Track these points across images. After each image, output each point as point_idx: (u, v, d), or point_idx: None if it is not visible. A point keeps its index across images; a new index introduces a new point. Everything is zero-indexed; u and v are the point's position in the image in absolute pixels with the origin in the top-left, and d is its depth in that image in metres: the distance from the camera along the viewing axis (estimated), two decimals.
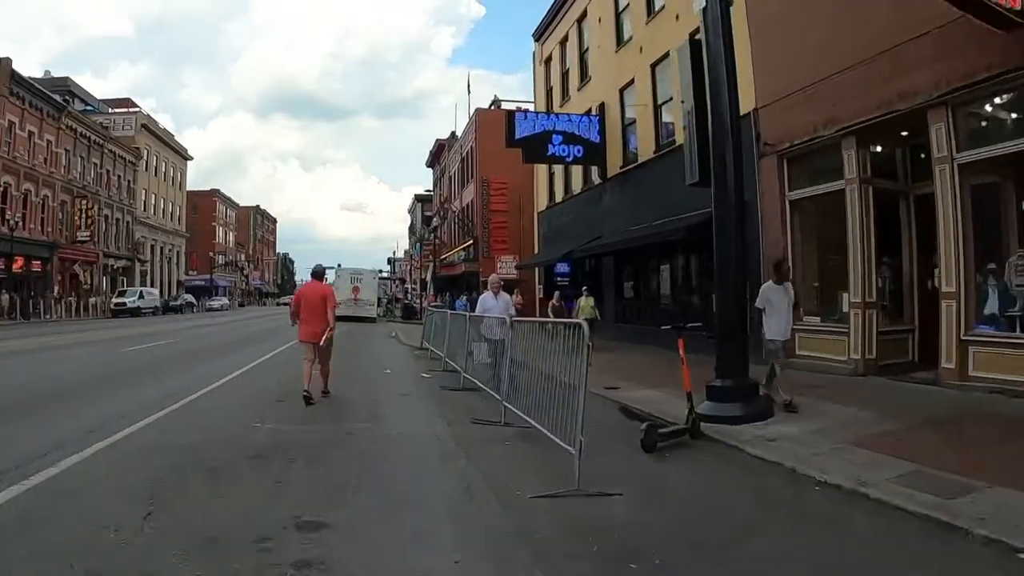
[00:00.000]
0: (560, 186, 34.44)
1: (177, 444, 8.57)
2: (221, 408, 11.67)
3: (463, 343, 15.47)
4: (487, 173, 54.20)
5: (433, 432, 9.95)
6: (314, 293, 13.08)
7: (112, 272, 69.43)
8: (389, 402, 12.90)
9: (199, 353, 22.36)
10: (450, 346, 17.88)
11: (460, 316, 18.06)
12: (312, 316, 12.66)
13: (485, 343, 13.55)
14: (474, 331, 14.54)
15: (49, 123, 57.51)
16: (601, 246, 26.17)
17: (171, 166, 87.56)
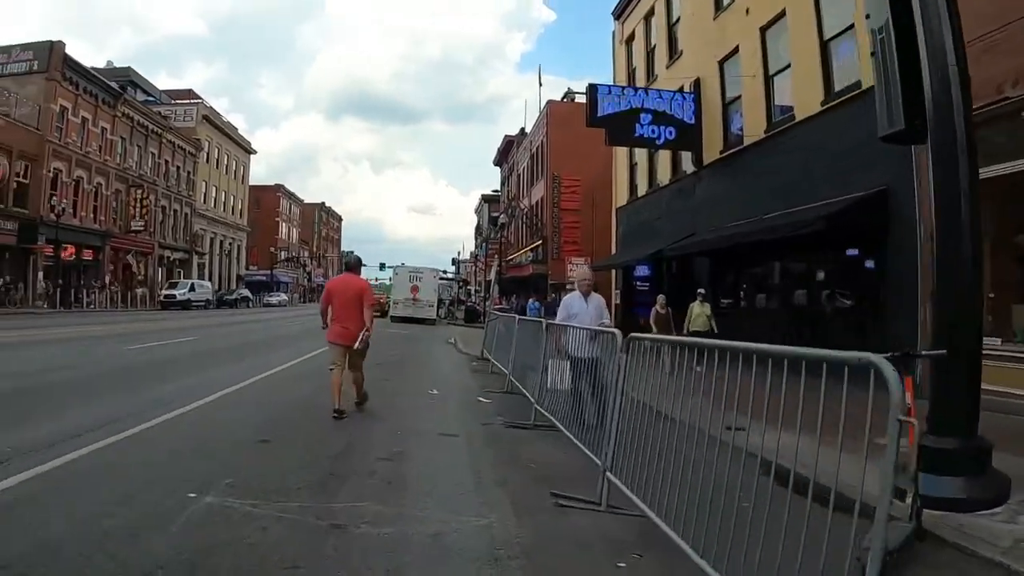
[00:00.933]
0: (643, 178, 30.16)
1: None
2: (159, 453, 7.47)
3: (537, 359, 11.47)
4: (558, 169, 50.38)
5: (489, 530, 5.62)
6: (347, 287, 10.78)
7: (168, 264, 67.19)
8: (424, 451, 8.54)
9: (209, 356, 18.70)
10: (518, 361, 13.90)
11: (531, 323, 14.24)
12: (345, 314, 10.56)
13: (566, 362, 9.59)
14: (550, 343, 10.70)
15: (104, 110, 55.37)
16: (699, 243, 21.78)
17: (233, 159, 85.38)
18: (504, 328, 17.63)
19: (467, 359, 21.52)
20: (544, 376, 10.50)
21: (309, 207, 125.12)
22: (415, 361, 20.29)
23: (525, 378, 12.58)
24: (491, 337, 20.39)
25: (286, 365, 16.57)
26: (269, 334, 28.83)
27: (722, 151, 22.36)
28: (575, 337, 9.37)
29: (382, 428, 9.63)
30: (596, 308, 10.43)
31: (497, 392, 13.81)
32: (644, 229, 28.58)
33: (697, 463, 4.82)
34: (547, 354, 10.62)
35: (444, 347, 26.61)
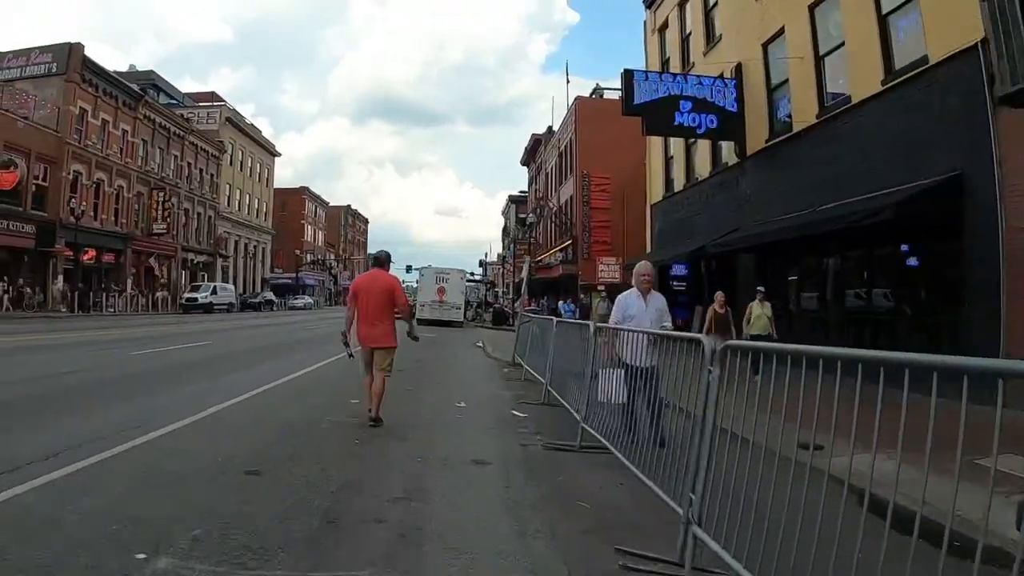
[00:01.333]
0: (680, 172, 28.47)
1: None
2: (114, 492, 5.90)
3: (580, 367, 9.95)
4: (587, 167, 48.87)
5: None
6: (374, 284, 9.95)
7: (192, 267, 66.28)
8: (450, 485, 6.88)
9: (218, 363, 17.14)
10: (556, 368, 12.33)
11: (574, 327, 12.70)
12: (372, 314, 9.71)
13: (619, 372, 8.11)
14: (600, 350, 9.17)
15: (125, 112, 54.55)
16: (745, 239, 20.11)
17: (257, 162, 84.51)
18: (539, 331, 16.06)
19: (497, 365, 20.03)
20: (592, 387, 8.96)
21: (334, 210, 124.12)
22: (441, 367, 18.74)
23: (565, 388, 11.08)
24: (523, 341, 18.76)
25: (299, 373, 15.18)
26: (288, 338, 27.45)
27: (768, 140, 20.75)
28: (631, 343, 7.89)
29: (400, 452, 8.08)
30: (657, 310, 9.02)
31: (533, 404, 12.27)
32: (682, 225, 27.03)
33: (812, 508, 3.48)
34: (596, 361, 9.07)
35: (472, 351, 25.17)
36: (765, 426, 4.28)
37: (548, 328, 14.08)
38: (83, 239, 47.01)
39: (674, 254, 25.66)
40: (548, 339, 13.56)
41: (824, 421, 3.61)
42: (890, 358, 3.22)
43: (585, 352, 9.74)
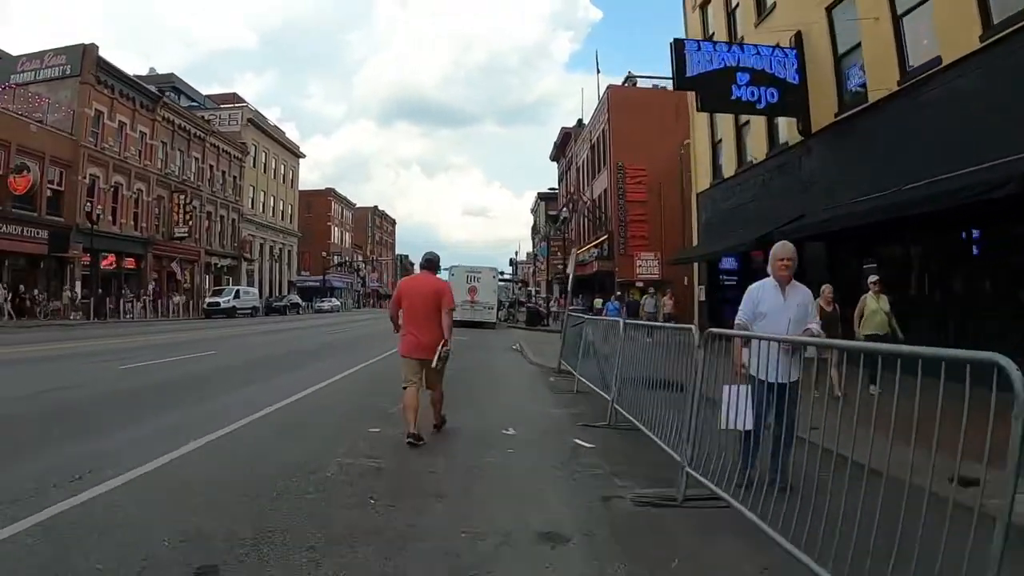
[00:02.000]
0: (730, 157, 25.86)
1: None
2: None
3: (672, 383, 7.67)
4: (622, 158, 46.38)
5: None
6: (423, 290, 8.89)
7: (216, 271, 64.71)
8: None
9: (217, 378, 14.58)
10: (626, 381, 9.85)
11: (663, 333, 9.24)
12: (417, 321, 8.69)
13: (745, 389, 5.85)
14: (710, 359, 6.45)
15: (143, 114, 53.03)
16: (820, 225, 17.21)
17: (281, 163, 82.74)
18: (597, 335, 13.51)
19: (540, 372, 17.66)
20: (699, 415, 6.28)
21: (361, 211, 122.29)
22: (478, 377, 15.97)
23: (640, 408, 8.68)
24: (572, 345, 16.20)
25: (311, 390, 12.71)
26: (307, 345, 25.21)
27: (837, 114, 18.23)
28: (763, 350, 5.61)
29: (434, 521, 5.60)
30: (799, 305, 6.70)
31: (597, 427, 9.76)
32: (733, 215, 24.55)
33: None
34: (703, 381, 6.38)
35: (510, 356, 22.69)
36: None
37: (611, 332, 11.66)
38: (101, 244, 45.75)
39: (728, 244, 23.09)
40: (612, 345, 11.10)
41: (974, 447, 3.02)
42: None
43: (687, 366, 7.06)
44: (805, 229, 17.73)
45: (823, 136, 18.97)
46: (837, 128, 18.31)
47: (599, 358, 12.41)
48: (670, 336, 8.39)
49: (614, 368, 10.46)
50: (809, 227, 17.49)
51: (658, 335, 9.43)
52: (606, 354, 11.83)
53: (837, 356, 5.86)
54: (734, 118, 24.57)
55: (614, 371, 10.41)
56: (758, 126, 22.90)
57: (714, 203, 26.86)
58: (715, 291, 27.33)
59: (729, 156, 25.64)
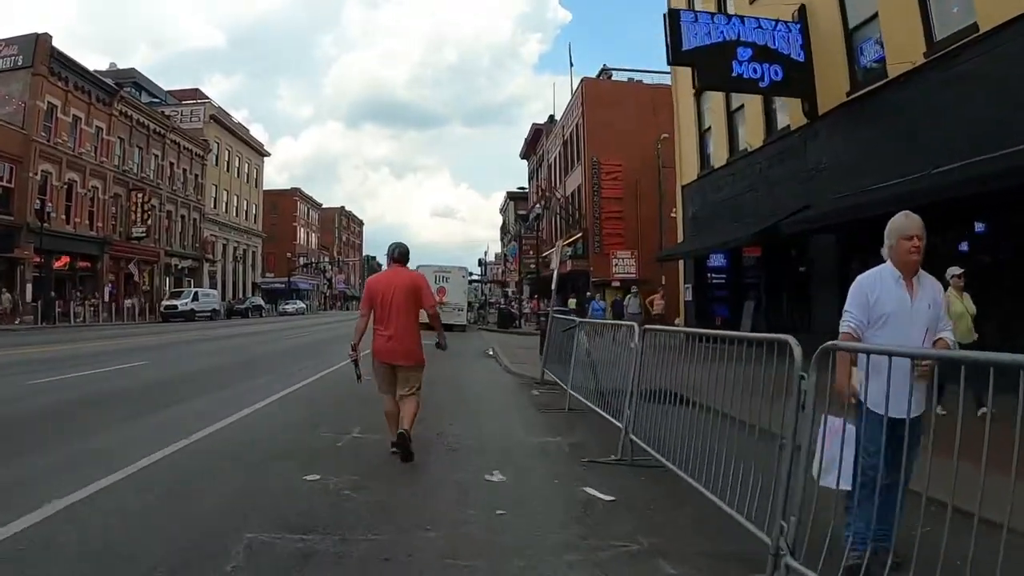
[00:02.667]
0: (720, 145, 23.87)
1: None
2: None
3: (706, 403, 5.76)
4: (596, 154, 44.38)
5: None
6: (394, 284, 7.64)
7: (176, 272, 61.82)
8: None
9: (130, 399, 11.56)
10: (642, 397, 7.61)
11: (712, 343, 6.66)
12: (391, 320, 7.44)
13: (851, 427, 3.96)
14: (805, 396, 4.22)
15: (99, 108, 50.24)
16: (833, 214, 15.21)
17: (245, 161, 79.92)
18: (596, 342, 11.37)
19: (521, 385, 15.06)
20: (796, 472, 4.10)
21: (328, 211, 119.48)
22: (450, 393, 12.96)
23: (666, 440, 6.55)
24: (559, 352, 13.85)
25: (242, 414, 10.16)
26: (257, 351, 22.89)
27: (850, 92, 16.28)
28: (887, 371, 3.74)
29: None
30: (934, 304, 4.52)
31: (609, 463, 7.47)
32: (724, 208, 22.57)
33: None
34: (809, 414, 4.16)
35: (484, 364, 20.14)
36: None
37: (623, 337, 9.29)
38: (54, 244, 43.13)
39: (721, 240, 21.06)
40: (627, 357, 8.55)
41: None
42: None
43: (762, 395, 4.96)
44: (815, 220, 15.74)
45: (832, 118, 17.01)
46: (849, 108, 16.35)
47: (597, 370, 10.24)
48: (747, 350, 5.37)
49: (627, 387, 8.04)
50: (825, 216, 15.43)
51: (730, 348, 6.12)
52: (608, 364, 9.72)
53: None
54: (725, 103, 22.64)
55: (627, 391, 7.98)
56: (753, 110, 20.92)
57: (702, 196, 24.85)
58: (703, 291, 25.34)
59: (719, 144, 23.61)
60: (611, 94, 45.37)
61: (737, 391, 5.35)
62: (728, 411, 5.39)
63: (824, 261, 17.10)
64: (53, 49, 44.73)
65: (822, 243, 17.14)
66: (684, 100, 26.01)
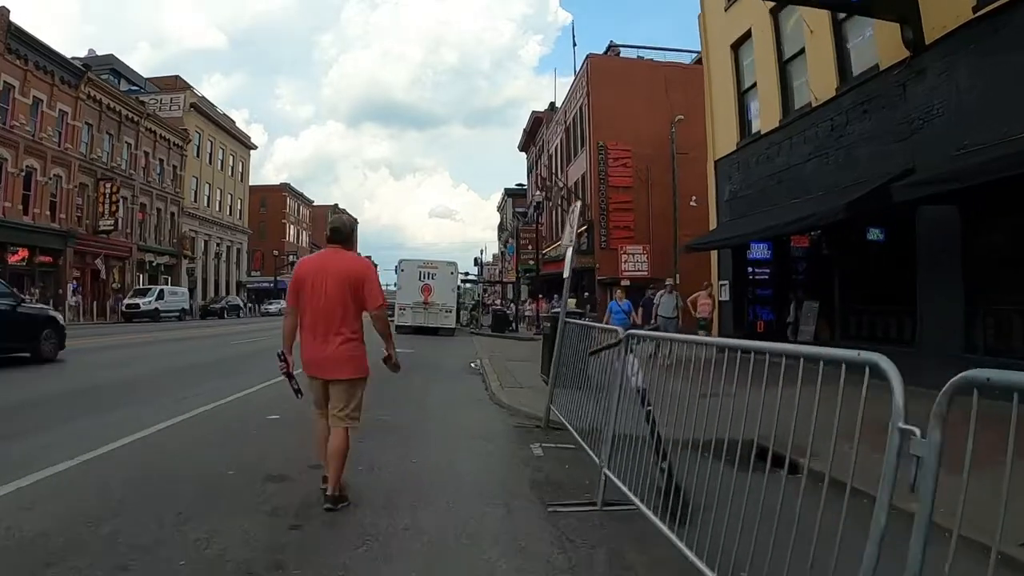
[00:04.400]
0: (769, 104, 18.68)
1: None
2: None
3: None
4: (603, 138, 39.55)
5: None
6: (329, 271, 5.65)
7: (151, 269, 56.96)
8: None
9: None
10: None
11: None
12: (323, 319, 5.62)
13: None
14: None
15: (64, 91, 45.30)
16: (978, 171, 9.87)
17: (230, 154, 74.87)
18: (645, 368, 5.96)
19: (514, 431, 9.49)
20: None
21: (320, 208, 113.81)
22: (396, 449, 7.86)
23: None
24: (577, 380, 8.54)
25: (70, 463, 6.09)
26: (201, 357, 18.48)
27: (977, 7, 11.46)
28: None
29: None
30: None
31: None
32: (777, 182, 17.63)
33: None
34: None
35: (466, 386, 14.42)
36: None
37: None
38: (9, 236, 39.11)
39: (781, 222, 15.95)
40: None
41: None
42: None
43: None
44: (942, 180, 10.79)
45: (947, 46, 12.08)
46: (976, 30, 11.45)
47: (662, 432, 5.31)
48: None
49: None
50: (955, 176, 10.46)
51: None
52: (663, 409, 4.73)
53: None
54: (776, 50, 17.78)
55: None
56: (821, 52, 15.89)
57: (744, 171, 19.81)
58: (743, 286, 20.24)
59: (768, 104, 18.56)
60: (619, 72, 40.46)
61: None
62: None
63: (936, 243, 12.23)
64: (11, 24, 39.73)
65: (934, 218, 12.27)
66: (717, 56, 21.18)
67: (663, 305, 19.76)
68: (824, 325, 16.33)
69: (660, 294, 20.50)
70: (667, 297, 19.98)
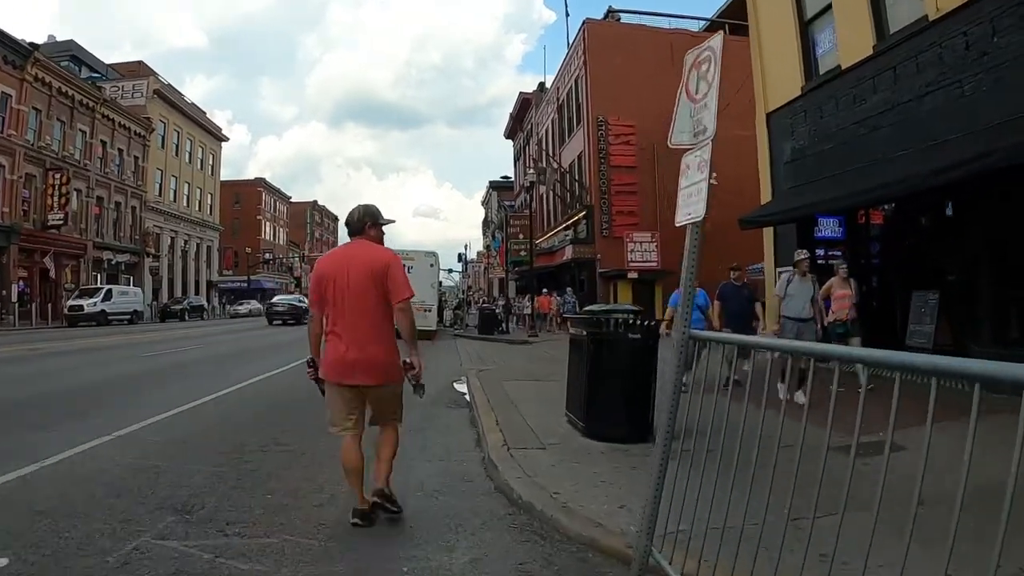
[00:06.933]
0: (856, 28, 13.61)
1: None
2: None
3: None
4: (603, 112, 34.65)
5: None
6: (353, 266, 5.01)
7: (110, 268, 51.85)
8: None
9: None
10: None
11: None
12: (351, 320, 4.95)
13: None
14: None
15: (7, 72, 40.59)
16: None
17: (199, 146, 69.24)
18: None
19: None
20: None
21: (299, 205, 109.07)
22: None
23: None
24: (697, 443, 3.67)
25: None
26: (79, 380, 13.58)
27: None
28: None
29: None
30: None
31: None
32: (866, 131, 12.99)
33: None
34: None
35: (448, 441, 8.22)
36: None
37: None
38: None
39: (893, 179, 11.16)
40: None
41: None
42: None
43: None
44: None
45: None
46: None
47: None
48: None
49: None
50: None
51: None
52: None
53: None
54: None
55: None
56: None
57: (813, 122, 14.86)
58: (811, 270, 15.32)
59: (854, 27, 13.56)
60: (620, 40, 35.32)
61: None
62: None
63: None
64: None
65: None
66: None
67: (794, 298, 10.72)
68: (945, 325, 11.72)
69: (785, 278, 11.05)
70: (800, 284, 10.76)
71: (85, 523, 4.83)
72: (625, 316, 7.65)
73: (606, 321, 7.73)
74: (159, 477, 6.10)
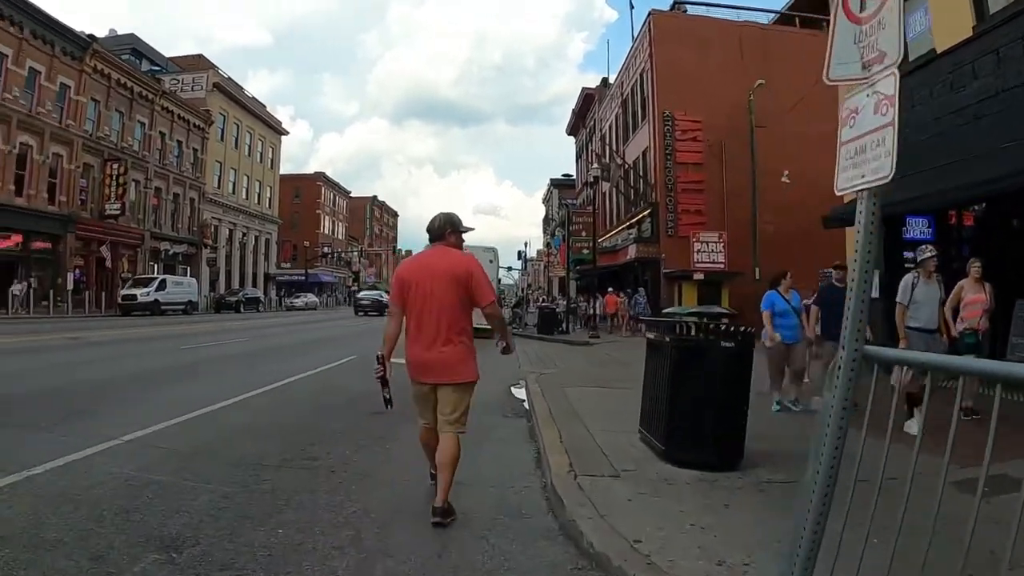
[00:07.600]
0: (949, 11, 12.32)
1: None
2: None
3: None
4: (669, 107, 33.44)
5: None
6: (435, 272, 5.34)
7: (166, 259, 52.28)
8: None
9: None
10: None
11: None
12: (432, 322, 5.26)
13: None
14: None
15: (66, 63, 40.88)
16: None
17: (259, 139, 69.83)
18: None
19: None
20: None
21: (358, 200, 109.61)
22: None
23: None
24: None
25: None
26: (103, 373, 12.94)
27: None
28: None
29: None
30: None
31: None
32: (952, 126, 11.78)
33: None
34: None
35: (501, 464, 7.02)
36: None
37: None
38: (7, 220, 35.61)
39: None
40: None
41: None
42: None
43: None
44: None
45: None
46: None
47: None
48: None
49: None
50: None
51: None
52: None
53: None
54: None
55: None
56: None
57: (901, 112, 13.70)
58: (897, 274, 13.93)
59: (948, 10, 12.16)
60: (687, 32, 34.07)
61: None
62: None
63: None
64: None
65: None
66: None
67: (923, 305, 9.01)
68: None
69: (908, 281, 9.17)
70: (926, 288, 9.05)
71: (48, 558, 4.06)
72: (717, 321, 6.60)
73: (695, 326, 6.67)
74: (154, 498, 5.29)
